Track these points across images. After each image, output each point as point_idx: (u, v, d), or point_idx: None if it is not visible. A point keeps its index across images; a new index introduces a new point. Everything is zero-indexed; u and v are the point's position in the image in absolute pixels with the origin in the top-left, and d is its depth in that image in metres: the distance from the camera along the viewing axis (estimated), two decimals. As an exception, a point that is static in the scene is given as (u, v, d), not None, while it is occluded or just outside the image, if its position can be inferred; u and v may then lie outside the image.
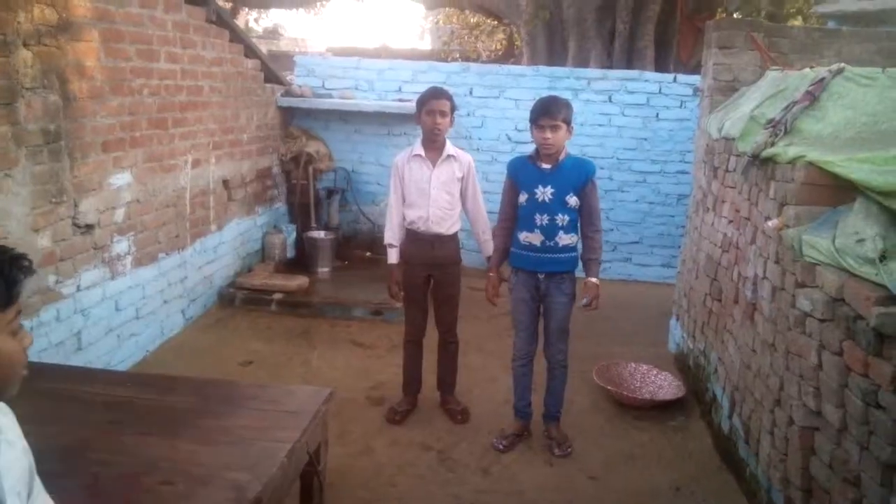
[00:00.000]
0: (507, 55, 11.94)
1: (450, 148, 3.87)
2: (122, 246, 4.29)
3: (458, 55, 12.44)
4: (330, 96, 6.98)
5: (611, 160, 6.85)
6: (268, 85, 6.48)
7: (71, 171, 3.74)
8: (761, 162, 3.36)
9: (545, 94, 6.84)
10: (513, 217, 3.64)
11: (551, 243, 3.50)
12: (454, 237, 3.97)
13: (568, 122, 3.50)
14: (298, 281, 5.88)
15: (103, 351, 4.15)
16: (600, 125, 6.82)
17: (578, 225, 3.58)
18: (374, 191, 7.21)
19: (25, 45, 3.33)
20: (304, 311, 5.59)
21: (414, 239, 3.93)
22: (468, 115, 6.92)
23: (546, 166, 3.50)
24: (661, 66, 8.63)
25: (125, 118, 4.23)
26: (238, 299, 5.65)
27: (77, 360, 3.85)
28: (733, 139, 3.85)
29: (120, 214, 4.25)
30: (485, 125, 6.96)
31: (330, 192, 7.03)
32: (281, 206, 6.97)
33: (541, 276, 3.58)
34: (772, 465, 2.99)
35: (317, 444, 2.51)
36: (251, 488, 1.95)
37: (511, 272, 3.68)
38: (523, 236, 3.55)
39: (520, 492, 3.34)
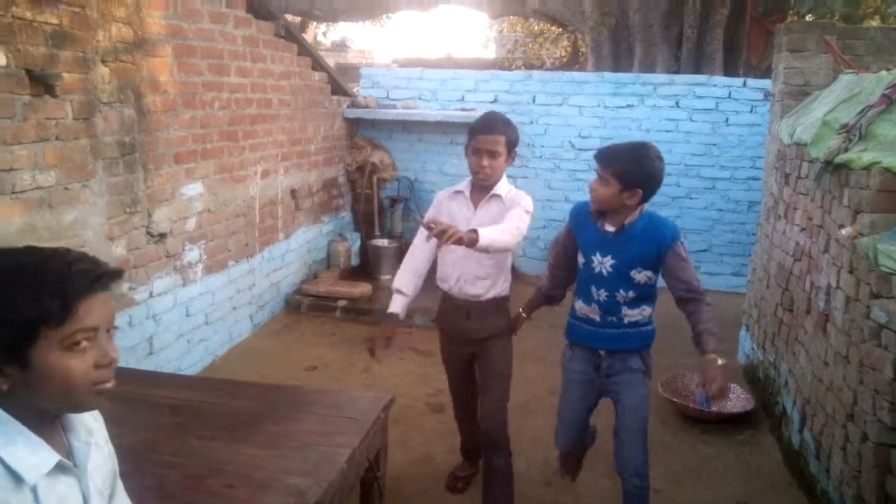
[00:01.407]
0: (572, 62, 11.85)
1: (501, 186, 2.95)
2: (193, 254, 4.44)
3: (521, 63, 12.41)
4: (394, 107, 7.07)
5: (678, 166, 6.71)
6: (334, 97, 6.61)
7: (145, 182, 3.90)
8: (835, 168, 3.24)
9: (609, 100, 6.90)
10: (564, 267, 2.92)
11: (614, 318, 2.72)
12: (499, 304, 3.04)
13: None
14: (362, 288, 5.97)
15: (174, 355, 4.30)
16: (667, 131, 6.70)
17: (651, 296, 2.76)
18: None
19: (103, 61, 3.49)
20: (367, 318, 5.66)
21: (446, 304, 3.13)
22: (531, 122, 6.90)
23: (609, 229, 2.65)
24: (730, 71, 8.43)
25: (197, 131, 4.38)
26: (304, 306, 5.77)
27: (148, 365, 4.00)
28: (805, 145, 3.73)
29: (191, 223, 4.40)
30: (548, 133, 6.93)
31: (393, 201, 7.11)
32: (346, 214, 7.09)
33: (602, 353, 2.79)
34: (844, 482, 2.88)
35: (377, 450, 2.54)
36: (311, 493, 1.98)
37: (566, 346, 2.92)
38: (579, 306, 2.80)
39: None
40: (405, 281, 3.09)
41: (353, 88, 7.24)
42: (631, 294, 2.67)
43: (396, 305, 3.04)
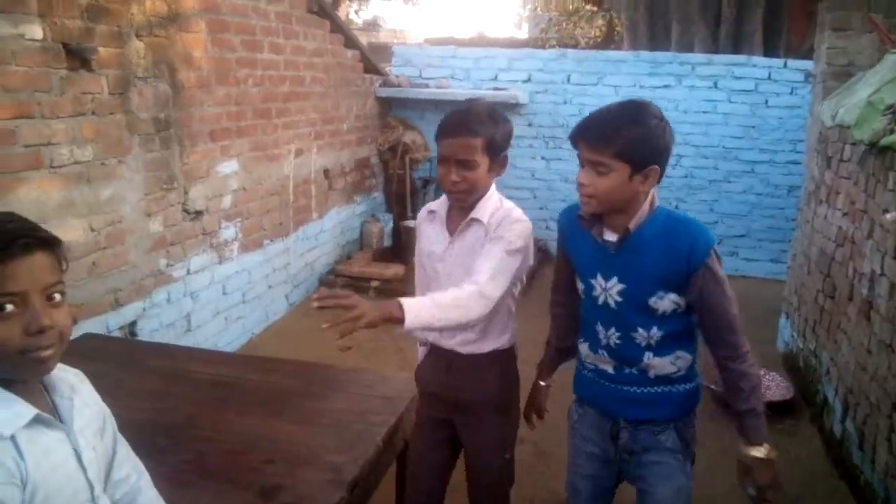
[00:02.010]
0: (607, 42, 11.67)
1: (483, 207, 2.07)
2: (229, 232, 4.45)
3: (555, 43, 12.25)
4: (426, 86, 7.01)
5: (716, 149, 6.58)
6: (367, 75, 6.57)
7: (180, 159, 3.90)
8: (879, 150, 3.14)
9: (646, 80, 6.76)
10: (568, 302, 2.08)
11: (633, 371, 1.90)
12: (493, 360, 2.18)
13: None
14: (395, 269, 5.96)
15: (211, 333, 4.33)
16: (705, 112, 6.56)
17: (687, 332, 1.91)
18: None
19: (138, 35, 3.49)
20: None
21: (428, 355, 2.28)
22: (565, 102, 6.81)
23: (609, 238, 1.84)
24: (770, 52, 8.22)
25: (231, 108, 4.37)
26: (338, 286, 5.77)
27: (186, 341, 4.02)
28: (848, 127, 3.61)
29: (227, 201, 4.40)
30: (582, 113, 6.69)
31: (426, 182, 7.08)
32: (378, 195, 7.07)
33: (621, 423, 1.97)
34: (889, 473, 2.80)
35: (411, 430, 2.52)
36: (348, 470, 1.97)
37: (573, 403, 2.13)
38: (584, 352, 2.01)
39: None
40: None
41: (385, 68, 7.20)
42: (655, 332, 1.84)
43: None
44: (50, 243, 1.15)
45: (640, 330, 1.86)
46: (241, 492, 1.87)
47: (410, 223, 6.63)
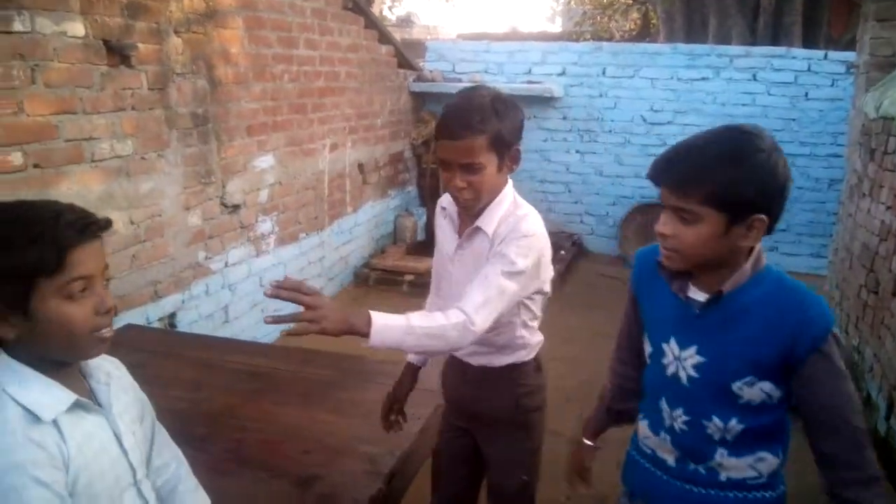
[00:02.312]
0: (642, 35, 11.55)
1: (490, 215, 1.81)
2: (265, 225, 4.50)
3: (589, 37, 12.15)
4: (460, 80, 7.00)
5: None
6: (401, 70, 6.58)
7: (218, 154, 3.95)
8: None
9: (683, 73, 6.67)
10: (633, 360, 1.70)
11: (700, 469, 1.50)
12: (506, 374, 1.95)
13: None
14: (428, 263, 5.91)
15: (248, 324, 4.38)
16: (744, 105, 6.45)
17: (779, 435, 1.51)
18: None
19: (176, 32, 3.53)
20: (433, 292, 5.66)
21: (450, 359, 2.09)
22: (601, 95, 6.75)
23: (696, 297, 1.45)
24: (809, 44, 8.05)
25: (267, 103, 4.41)
26: (372, 279, 5.81)
27: (224, 332, 4.08)
28: (893, 119, 3.52)
29: (264, 195, 4.45)
30: (618, 106, 6.76)
31: (459, 176, 7.07)
32: (412, 189, 7.08)
33: None
34: (937, 471, 2.73)
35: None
36: (385, 462, 1.98)
37: (622, 495, 1.76)
38: (643, 432, 1.62)
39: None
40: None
41: (419, 63, 7.21)
42: (734, 426, 1.43)
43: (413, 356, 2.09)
44: (106, 228, 1.19)
45: (715, 419, 1.44)
46: (278, 481, 1.89)
47: (444, 218, 6.64)
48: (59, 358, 1.18)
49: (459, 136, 1.69)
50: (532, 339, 1.95)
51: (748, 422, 1.43)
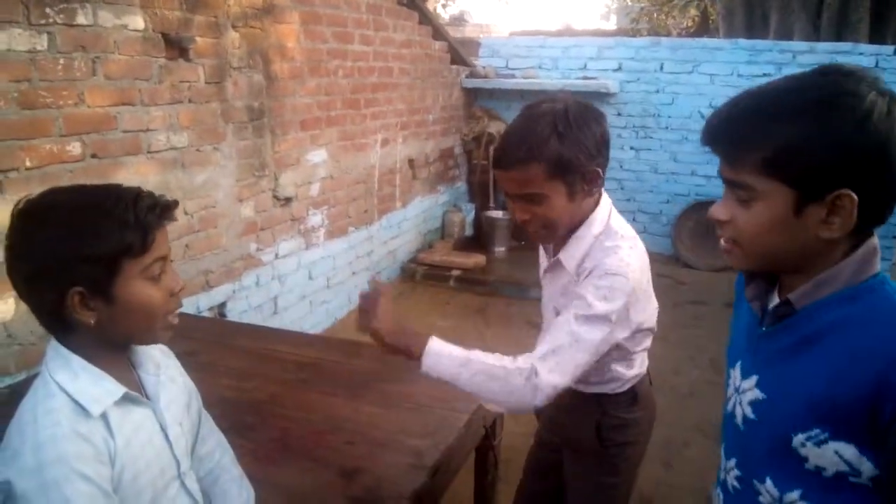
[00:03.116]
0: (700, 32, 11.30)
1: (573, 249, 1.62)
2: (316, 219, 4.54)
3: (646, 34, 11.94)
4: (513, 76, 6.95)
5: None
6: (453, 66, 6.56)
7: (272, 147, 3.99)
8: None
9: (743, 69, 6.48)
10: None
11: None
12: (595, 402, 1.78)
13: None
14: (476, 259, 5.95)
15: (297, 316, 4.42)
16: (806, 102, 6.24)
17: None
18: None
19: (234, 26, 3.58)
20: (480, 288, 5.64)
21: None
22: (657, 91, 6.62)
23: (789, 338, 1.03)
24: (875, 41, 7.75)
25: (321, 98, 4.44)
26: (419, 274, 5.81)
27: (273, 323, 4.13)
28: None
29: (315, 189, 4.49)
30: (676, 102, 6.61)
31: (512, 173, 7.03)
32: (461, 185, 7.06)
33: None
34: None
35: (492, 418, 2.49)
36: (430, 455, 1.96)
37: None
38: (716, 489, 1.25)
39: (705, 489, 3.14)
40: None
41: (472, 60, 7.18)
42: (796, 501, 1.02)
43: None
44: (175, 209, 1.22)
45: (769, 484, 1.05)
46: (323, 471, 1.89)
47: (493, 214, 6.60)
48: (128, 342, 1.20)
49: (509, 167, 1.52)
50: (628, 372, 1.76)
51: (813, 496, 1.00)
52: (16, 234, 1.10)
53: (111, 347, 1.18)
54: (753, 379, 1.07)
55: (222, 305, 3.72)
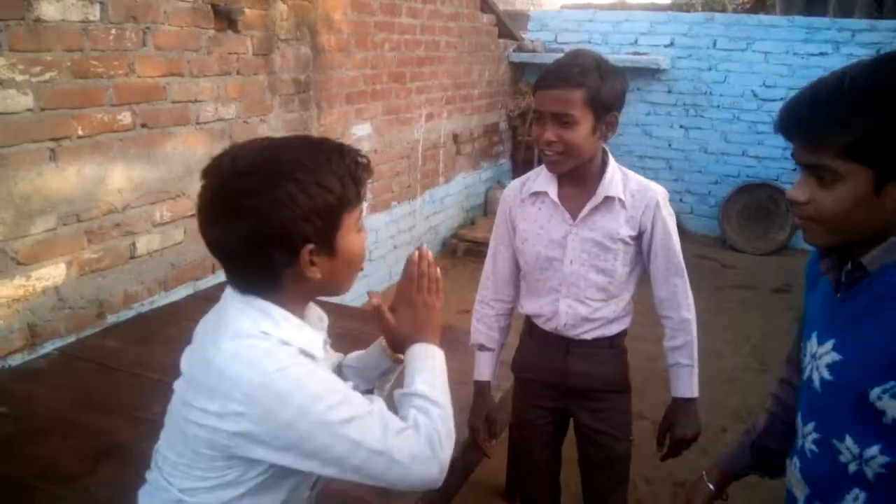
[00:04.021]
0: (757, 8, 10.94)
1: (612, 180, 1.82)
2: (359, 192, 4.56)
3: (700, 8, 11.62)
4: (562, 51, 6.82)
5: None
6: (501, 40, 6.49)
7: (318, 120, 4.02)
8: None
9: (799, 47, 6.27)
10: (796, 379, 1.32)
11: None
12: (615, 345, 1.98)
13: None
14: (519, 236, 5.93)
15: (338, 289, 4.47)
16: (866, 83, 6.02)
17: None
18: (601, 149, 7.03)
19: (282, -1, 3.60)
20: (522, 266, 5.63)
21: (534, 336, 2.04)
22: (710, 69, 6.47)
23: (864, 299, 1.09)
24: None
25: (367, 71, 4.44)
26: (460, 250, 5.82)
27: (314, 295, 4.18)
28: None
29: (359, 162, 4.50)
30: (728, 80, 6.45)
31: (556, 149, 6.96)
32: (505, 161, 7.02)
33: None
34: None
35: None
36: (463, 430, 1.98)
37: None
38: (792, 459, 1.27)
39: (743, 481, 3.11)
40: (490, 327, 2.08)
41: (520, 34, 7.09)
42: (876, 455, 1.05)
43: (486, 368, 2.06)
44: None
45: (849, 441, 1.08)
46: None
47: (538, 191, 6.56)
48: (329, 294, 1.22)
49: (556, 85, 1.68)
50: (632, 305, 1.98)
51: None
52: (236, 195, 1.05)
53: (303, 302, 1.20)
54: (830, 343, 1.12)
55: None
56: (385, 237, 4.98)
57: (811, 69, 6.13)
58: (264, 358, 1.06)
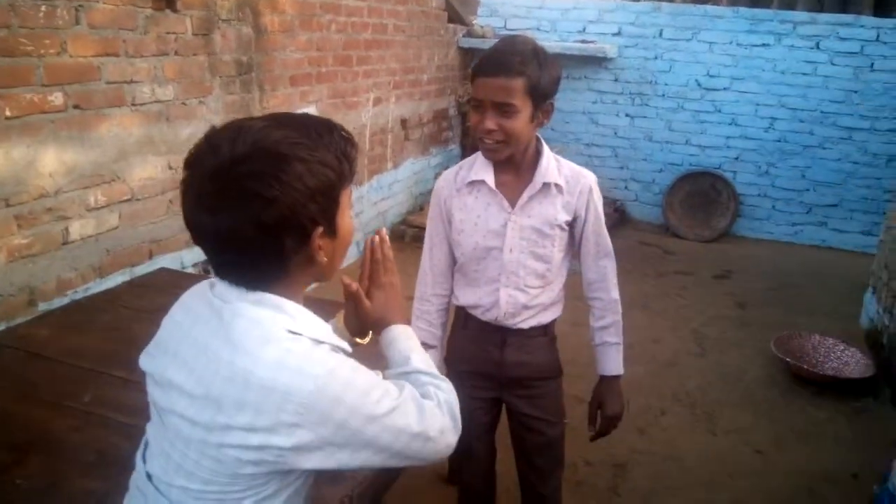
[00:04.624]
0: (705, -3, 11.12)
1: (547, 166, 1.84)
2: (303, 177, 4.50)
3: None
4: (511, 37, 6.86)
5: (813, 113, 6.22)
6: (450, 25, 6.47)
7: (260, 103, 3.94)
8: None
9: (743, 38, 6.41)
10: None
11: None
12: (548, 332, 2.02)
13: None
14: (467, 222, 5.94)
15: (282, 274, 4.41)
16: (804, 74, 6.19)
17: None
18: (547, 136, 7.02)
19: (224, -22, 3.51)
20: (470, 252, 5.64)
21: (469, 327, 2.02)
22: (656, 58, 6.55)
23: None
24: (881, 13, 7.64)
25: (313, 53, 4.38)
26: (408, 236, 5.80)
27: (258, 281, 4.12)
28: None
29: (303, 146, 4.44)
30: (673, 70, 6.55)
31: (504, 136, 6.98)
32: (454, 147, 7.01)
33: None
34: (975, 463, 2.62)
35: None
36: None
37: None
38: None
39: (678, 457, 3.19)
40: (432, 324, 2.04)
41: (470, 19, 7.07)
42: None
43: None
44: None
45: None
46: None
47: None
48: (323, 279, 1.17)
49: (497, 73, 1.67)
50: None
51: None
52: (243, 179, 0.98)
53: (302, 291, 1.15)
54: None
55: (206, 262, 3.70)
56: (331, 222, 4.93)
57: (754, 59, 6.27)
58: (308, 362, 1.01)
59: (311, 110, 4.44)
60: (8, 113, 2.53)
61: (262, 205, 0.98)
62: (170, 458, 1.09)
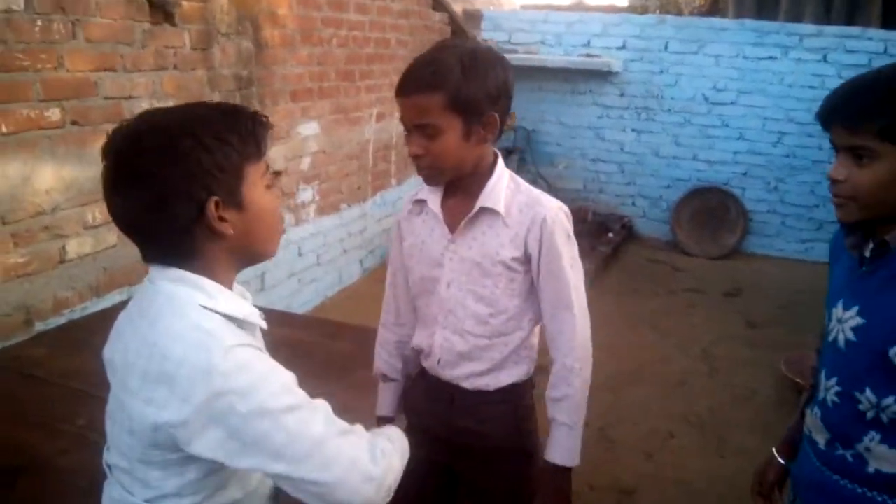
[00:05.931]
0: (711, 11, 11.10)
1: (493, 189, 1.54)
2: (306, 194, 4.45)
3: (656, 10, 11.75)
4: (515, 51, 6.82)
5: (820, 127, 6.14)
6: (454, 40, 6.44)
7: (261, 118, 3.90)
8: None
9: (749, 50, 6.36)
10: None
11: (847, 455, 1.32)
12: (508, 399, 1.64)
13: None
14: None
15: (285, 293, 4.36)
16: (811, 87, 6.12)
17: None
18: (552, 151, 7.03)
19: (223, -8, 3.48)
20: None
21: (425, 376, 1.73)
22: (661, 72, 6.50)
23: (886, 272, 1.27)
24: (889, 25, 7.60)
25: (314, 68, 4.34)
26: (412, 253, 5.74)
27: (260, 300, 4.04)
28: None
29: (306, 163, 4.40)
30: (679, 84, 6.50)
31: (509, 152, 6.92)
32: (460, 162, 6.96)
33: None
34: None
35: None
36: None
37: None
38: (813, 409, 1.42)
39: (687, 482, 3.10)
40: (390, 355, 1.80)
41: (474, 34, 7.05)
42: (891, 404, 1.24)
43: (387, 403, 1.82)
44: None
45: (868, 393, 1.26)
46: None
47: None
48: (253, 257, 1.19)
49: (410, 92, 1.45)
50: (534, 352, 1.67)
51: None
52: (134, 159, 1.05)
53: (231, 271, 1.16)
54: (855, 309, 1.30)
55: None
56: (334, 240, 4.87)
57: (760, 73, 6.21)
58: (210, 338, 1.03)
59: (314, 126, 4.39)
60: (4, 129, 2.48)
61: (151, 181, 1.03)
62: (112, 438, 1.15)
